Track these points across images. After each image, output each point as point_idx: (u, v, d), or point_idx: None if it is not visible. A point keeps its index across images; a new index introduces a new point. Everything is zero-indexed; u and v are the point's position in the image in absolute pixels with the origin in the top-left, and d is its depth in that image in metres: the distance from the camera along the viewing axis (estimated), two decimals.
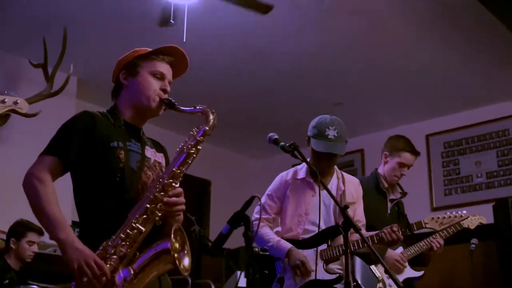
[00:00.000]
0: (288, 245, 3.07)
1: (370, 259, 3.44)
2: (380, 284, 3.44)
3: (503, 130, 6.29)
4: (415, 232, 3.47)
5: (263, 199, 3.18)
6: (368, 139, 7.13)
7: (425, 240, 3.72)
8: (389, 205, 3.85)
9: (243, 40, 5.16)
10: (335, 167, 3.29)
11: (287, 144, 2.62)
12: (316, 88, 6.05)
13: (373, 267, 3.48)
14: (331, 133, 3.07)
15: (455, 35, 4.99)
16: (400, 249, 3.73)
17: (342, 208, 2.39)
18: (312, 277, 2.99)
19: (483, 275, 5.45)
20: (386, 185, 3.86)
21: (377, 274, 3.47)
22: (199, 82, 5.45)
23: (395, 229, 3.04)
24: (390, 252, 3.64)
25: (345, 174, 3.33)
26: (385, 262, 3.57)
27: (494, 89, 5.98)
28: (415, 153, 3.89)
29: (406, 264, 3.70)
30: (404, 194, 3.95)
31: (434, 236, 3.69)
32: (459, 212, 3.37)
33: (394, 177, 3.85)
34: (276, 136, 2.71)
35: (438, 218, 3.37)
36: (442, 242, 3.71)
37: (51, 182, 2.00)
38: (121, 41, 4.93)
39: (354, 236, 3.00)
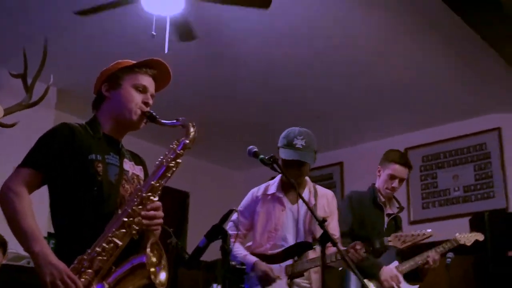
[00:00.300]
0: (253, 259, 3.14)
1: (365, 273, 3.43)
2: None
3: (480, 144, 6.36)
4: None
5: (235, 216, 3.19)
6: (348, 152, 7.15)
7: (420, 255, 3.72)
8: (386, 219, 3.84)
9: (222, 49, 5.16)
10: (308, 179, 3.32)
11: (266, 157, 2.65)
12: (296, 100, 6.07)
13: (367, 281, 3.48)
14: (299, 142, 3.13)
15: (435, 50, 5.04)
16: (395, 263, 3.71)
17: (320, 222, 2.41)
18: None
19: None
20: (383, 199, 3.85)
21: None
22: (177, 93, 5.43)
23: (358, 247, 3.09)
24: (386, 269, 3.62)
25: (318, 187, 3.35)
26: (382, 279, 3.57)
27: (471, 103, 6.06)
28: (406, 165, 3.85)
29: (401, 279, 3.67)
30: (401, 208, 3.94)
31: (430, 250, 3.71)
32: (423, 231, 3.36)
33: (386, 190, 3.83)
34: (256, 149, 2.73)
35: (401, 236, 3.35)
36: (437, 257, 3.71)
37: (27, 195, 1.99)
38: (102, 53, 4.91)
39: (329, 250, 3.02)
